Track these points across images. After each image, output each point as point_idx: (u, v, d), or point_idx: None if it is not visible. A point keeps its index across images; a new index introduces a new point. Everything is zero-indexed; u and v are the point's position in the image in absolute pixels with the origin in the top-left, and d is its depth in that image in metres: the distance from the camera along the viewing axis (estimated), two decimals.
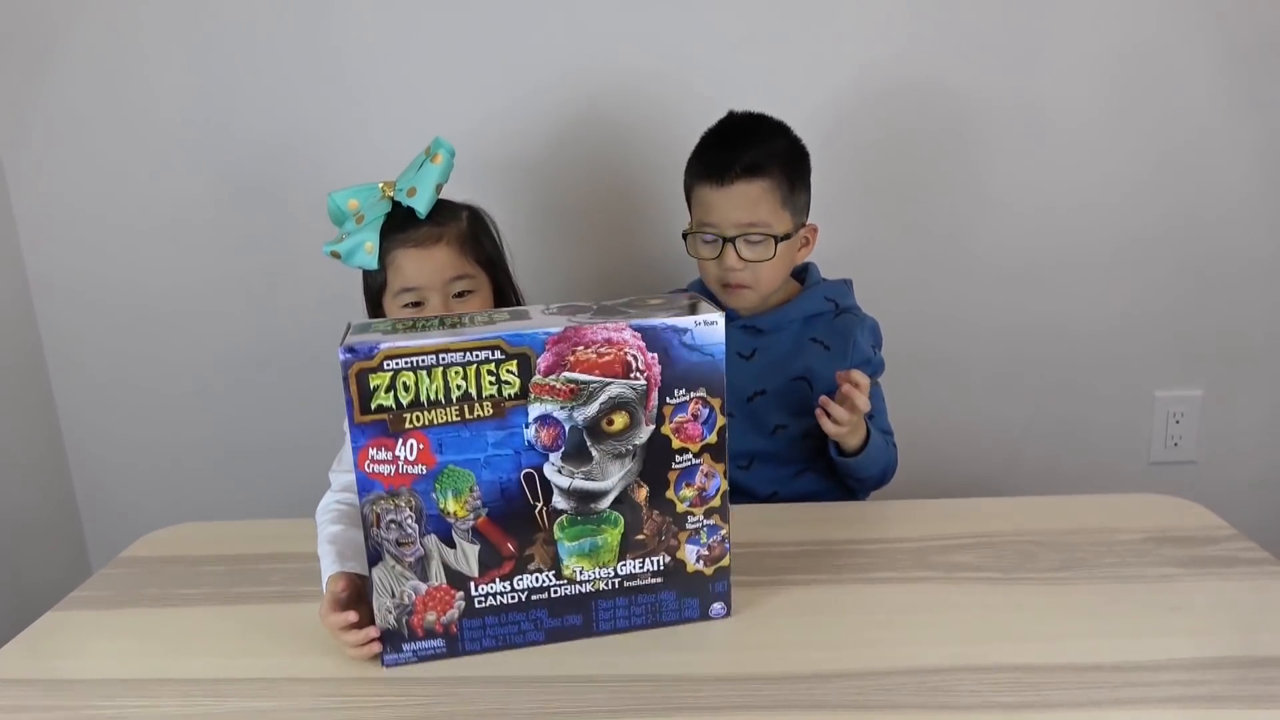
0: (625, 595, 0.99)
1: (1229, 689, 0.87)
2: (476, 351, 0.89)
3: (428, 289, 1.24)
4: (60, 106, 1.75)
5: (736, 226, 1.31)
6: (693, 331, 0.93)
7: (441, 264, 1.24)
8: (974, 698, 0.87)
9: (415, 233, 1.24)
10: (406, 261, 1.24)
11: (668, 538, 0.99)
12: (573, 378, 0.91)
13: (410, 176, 1.26)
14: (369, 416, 0.89)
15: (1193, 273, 1.83)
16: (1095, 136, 1.76)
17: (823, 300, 1.41)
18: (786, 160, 1.34)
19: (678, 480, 0.97)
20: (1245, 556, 1.11)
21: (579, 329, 0.90)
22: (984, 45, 1.71)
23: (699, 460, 0.97)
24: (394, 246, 1.24)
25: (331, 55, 1.72)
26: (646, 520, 0.98)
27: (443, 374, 0.89)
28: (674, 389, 0.94)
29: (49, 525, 1.90)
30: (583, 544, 0.97)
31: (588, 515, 0.96)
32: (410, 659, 0.97)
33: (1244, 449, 1.92)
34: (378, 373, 0.88)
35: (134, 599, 1.13)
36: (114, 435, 1.92)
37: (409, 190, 1.24)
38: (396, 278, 1.24)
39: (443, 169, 1.24)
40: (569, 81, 1.73)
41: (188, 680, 0.96)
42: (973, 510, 1.25)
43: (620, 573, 0.99)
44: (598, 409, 0.93)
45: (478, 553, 0.95)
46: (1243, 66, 1.73)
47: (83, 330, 1.87)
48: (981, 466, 1.93)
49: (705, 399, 0.95)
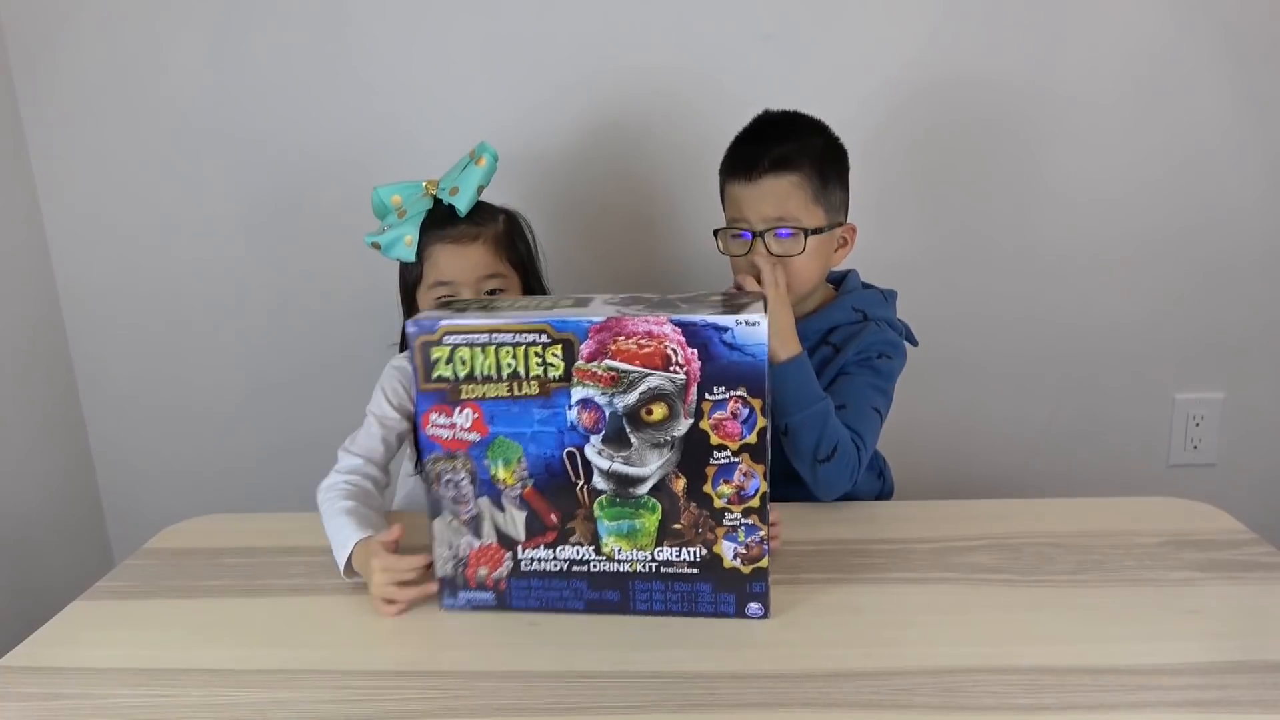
0: (662, 580, 1.02)
1: (1246, 693, 0.87)
2: (525, 334, 0.96)
3: (461, 283, 1.28)
4: (89, 117, 1.77)
5: (765, 221, 1.30)
6: (734, 330, 0.94)
7: (475, 261, 1.28)
8: (991, 699, 0.88)
9: (453, 230, 1.29)
10: (443, 256, 1.28)
11: (704, 530, 1.00)
12: (614, 366, 0.95)
13: (454, 176, 1.31)
14: (431, 385, 0.99)
15: (1213, 274, 1.82)
16: (1117, 137, 1.76)
17: (850, 310, 1.36)
18: (819, 156, 1.31)
19: (715, 476, 0.98)
20: (1264, 561, 1.10)
21: (621, 320, 0.94)
22: (1006, 46, 1.71)
23: (737, 459, 0.97)
24: (432, 242, 1.28)
25: (358, 63, 1.73)
26: (684, 511, 1.00)
27: (495, 352, 0.97)
28: (713, 385, 0.95)
29: (73, 520, 1.92)
30: (621, 525, 1.00)
31: (626, 498, 0.99)
32: (464, 606, 1.05)
33: (1264, 452, 1.91)
34: (438, 346, 0.97)
35: (157, 590, 1.14)
36: (137, 434, 1.94)
37: (451, 189, 1.29)
38: (432, 271, 1.29)
39: (485, 171, 1.29)
40: (594, 81, 1.74)
41: (209, 670, 0.97)
42: (991, 512, 1.25)
43: (657, 558, 1.01)
44: (637, 398, 0.96)
45: (524, 519, 1.01)
46: (1263, 66, 1.72)
47: (108, 331, 1.89)
48: (1000, 467, 1.92)
49: (745, 398, 0.95)
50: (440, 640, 1.02)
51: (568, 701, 0.89)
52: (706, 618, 1.02)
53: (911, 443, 1.63)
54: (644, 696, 0.90)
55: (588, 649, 0.98)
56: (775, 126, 1.35)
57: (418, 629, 1.04)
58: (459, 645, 1.00)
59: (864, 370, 1.32)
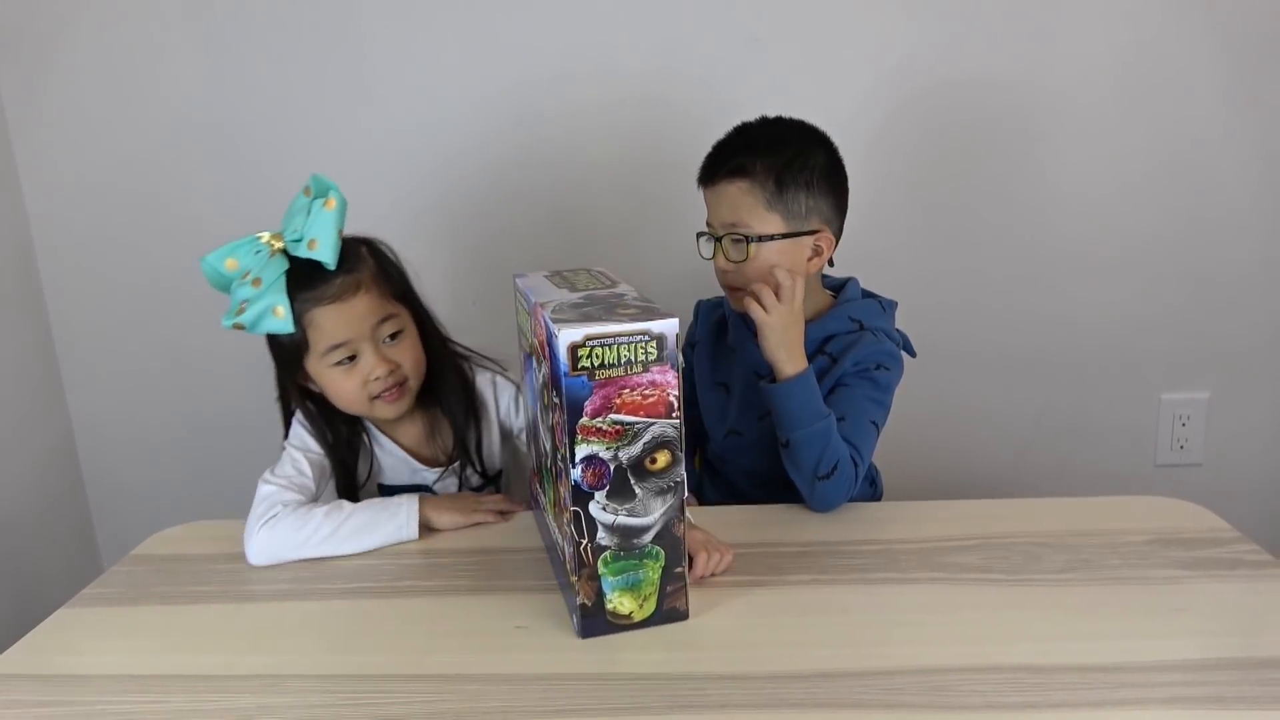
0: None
1: (1231, 690, 0.88)
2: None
3: (357, 340, 1.20)
4: (72, 100, 1.77)
5: (723, 226, 1.32)
6: (556, 339, 0.92)
7: (363, 313, 1.20)
8: (978, 698, 0.88)
9: (329, 287, 1.17)
10: (327, 319, 1.18)
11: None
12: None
13: (301, 224, 1.16)
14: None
15: (1200, 275, 1.83)
16: (1105, 139, 1.77)
17: (846, 320, 1.36)
18: (779, 163, 1.29)
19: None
20: (1249, 559, 1.11)
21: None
22: (996, 47, 1.72)
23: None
24: (309, 307, 1.17)
25: (344, 57, 1.74)
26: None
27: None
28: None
29: (60, 525, 1.92)
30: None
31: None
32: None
33: (1250, 452, 1.92)
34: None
35: (144, 596, 1.14)
36: (125, 436, 1.94)
37: (310, 243, 1.15)
38: (320, 337, 1.19)
39: (338, 213, 1.15)
40: (584, 85, 1.74)
41: (197, 677, 0.96)
42: (978, 512, 1.25)
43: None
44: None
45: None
46: (1252, 68, 1.73)
47: (95, 330, 1.88)
48: (988, 468, 1.93)
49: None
50: (427, 644, 1.01)
51: (554, 704, 0.89)
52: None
53: (901, 442, 1.62)
54: (631, 698, 0.90)
55: (574, 651, 0.98)
56: (744, 134, 1.35)
57: (403, 633, 1.03)
58: (445, 649, 1.00)
59: (862, 382, 1.31)
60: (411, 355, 1.26)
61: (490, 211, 1.81)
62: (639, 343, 0.92)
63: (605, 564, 0.98)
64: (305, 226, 1.15)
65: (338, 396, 1.25)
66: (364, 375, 1.22)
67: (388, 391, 1.24)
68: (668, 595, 1.01)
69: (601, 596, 0.99)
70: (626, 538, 0.98)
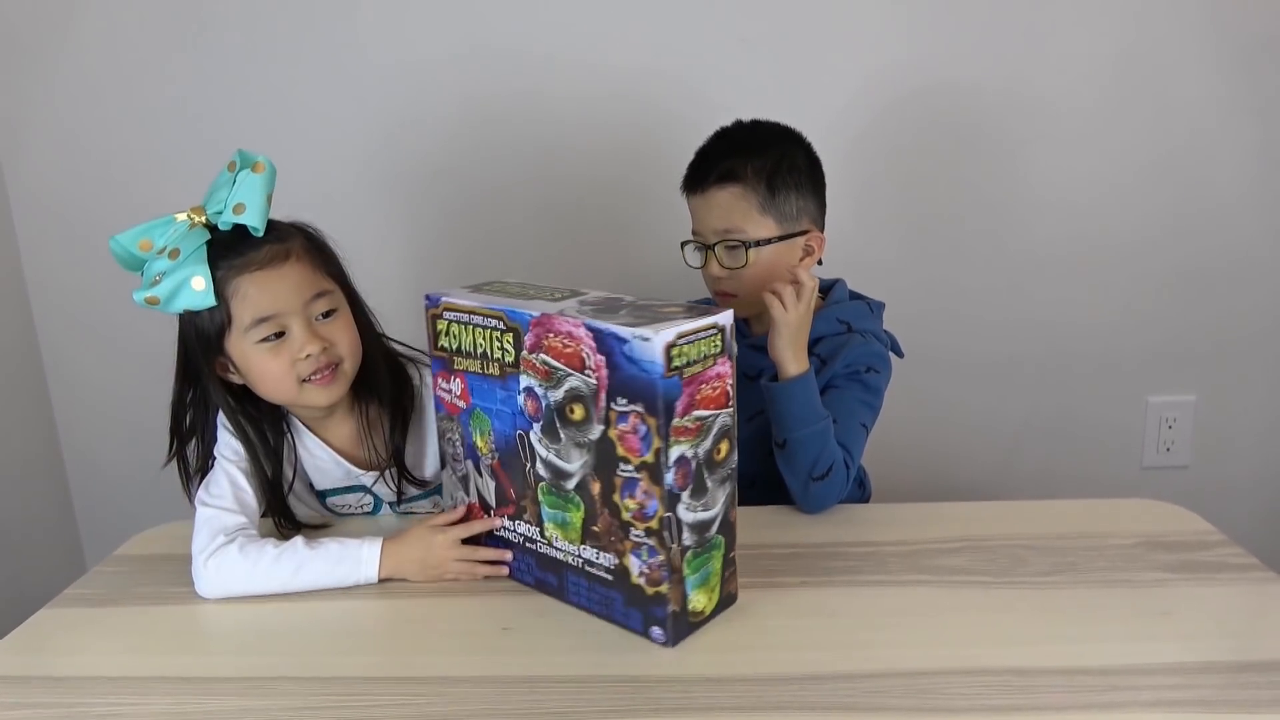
0: (586, 579, 1.02)
1: (1217, 693, 0.88)
2: (488, 319, 1.01)
3: (287, 313, 1.10)
4: (60, 112, 1.76)
5: (715, 233, 1.32)
6: (631, 344, 0.89)
7: (297, 282, 1.10)
8: (964, 700, 0.88)
9: (256, 254, 1.08)
10: (253, 288, 1.08)
11: (616, 540, 0.98)
12: (546, 360, 0.97)
13: (225, 194, 1.07)
14: (437, 352, 1.08)
15: (1186, 277, 1.84)
16: (1091, 140, 1.77)
17: (835, 322, 1.36)
18: (769, 166, 1.30)
19: (622, 488, 0.95)
20: (1234, 562, 1.11)
21: (551, 318, 0.95)
22: (982, 49, 1.72)
23: (639, 475, 0.93)
24: (232, 275, 1.07)
25: (332, 55, 1.73)
26: (600, 514, 0.98)
27: (472, 331, 1.03)
28: (617, 395, 0.92)
29: (45, 524, 1.90)
30: (556, 514, 1.03)
31: (559, 490, 1.01)
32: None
33: (1236, 455, 1.93)
34: (440, 319, 1.06)
35: (127, 597, 1.13)
36: (109, 435, 1.92)
37: (235, 207, 1.06)
38: (245, 309, 1.08)
39: (267, 178, 1.08)
40: (572, 84, 1.74)
41: (180, 678, 0.96)
42: (964, 514, 1.26)
43: (582, 555, 1.02)
44: (563, 395, 0.97)
45: (494, 488, 1.08)
46: (1236, 70, 1.74)
47: (79, 329, 1.87)
48: (975, 471, 1.93)
49: (642, 415, 0.90)
50: (412, 646, 1.01)
51: (541, 707, 0.89)
52: (619, 626, 1.00)
53: (889, 446, 1.63)
54: (618, 701, 0.89)
55: (560, 654, 0.97)
56: (727, 139, 1.36)
57: (389, 635, 1.03)
58: (431, 651, 0.99)
59: (853, 384, 1.32)
60: (347, 336, 1.15)
61: (476, 210, 1.80)
62: (710, 337, 0.92)
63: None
64: (230, 195, 1.07)
65: (262, 379, 1.12)
66: (293, 354, 1.10)
67: (319, 374, 1.12)
68: (725, 581, 1.01)
69: (685, 599, 0.97)
70: (700, 533, 0.97)
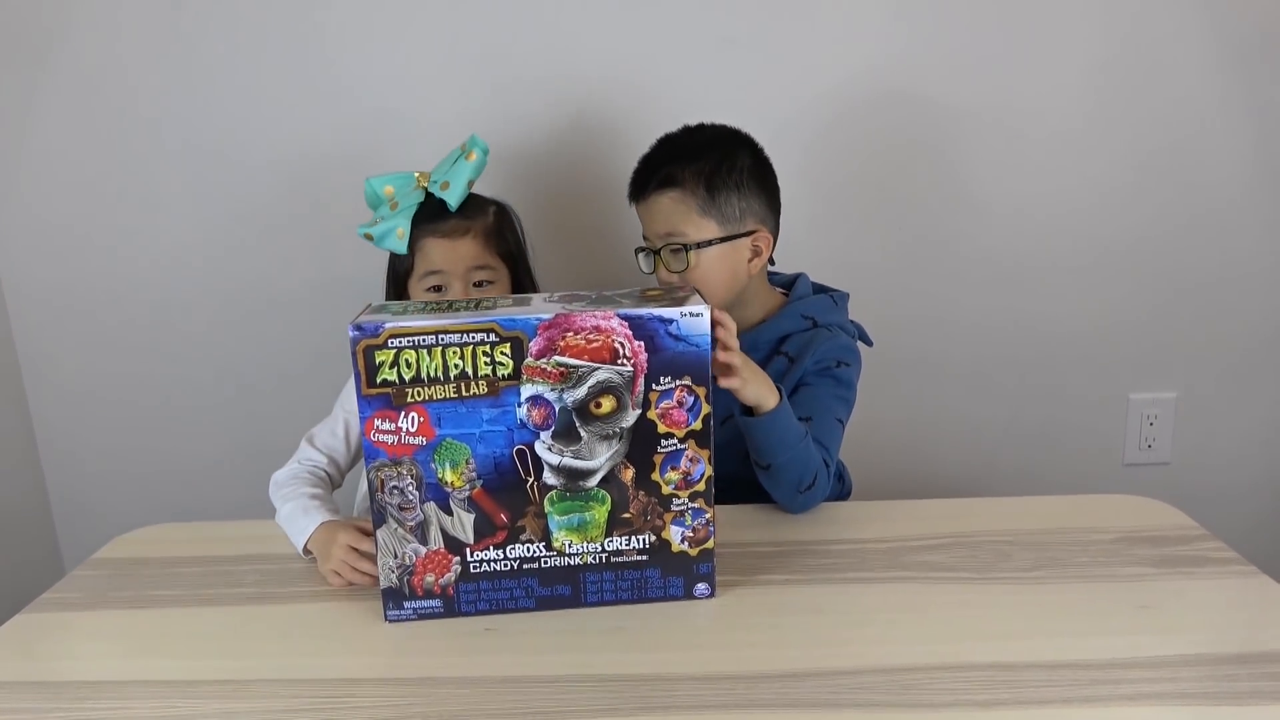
0: (612, 570, 1.04)
1: (1198, 686, 0.88)
2: (473, 334, 0.96)
3: (451, 275, 1.32)
4: (37, 113, 1.73)
5: (659, 238, 1.32)
6: (679, 323, 0.98)
7: (465, 254, 1.33)
8: (947, 696, 0.88)
9: (444, 224, 1.33)
10: (434, 249, 1.33)
11: (653, 518, 1.03)
12: (563, 362, 0.97)
13: (445, 170, 1.34)
14: (375, 390, 0.97)
15: (1168, 277, 1.85)
16: (1073, 143, 1.78)
17: (799, 318, 1.36)
18: (708, 169, 1.30)
19: (663, 464, 1.02)
20: (1214, 556, 1.12)
21: (569, 316, 0.96)
22: (965, 52, 1.72)
23: (684, 445, 1.01)
24: (424, 235, 1.33)
25: (324, 64, 1.71)
26: (633, 500, 1.03)
27: (441, 354, 0.96)
28: (659, 376, 0.99)
29: (21, 527, 1.88)
30: (571, 519, 1.02)
31: (576, 492, 1.02)
32: (410, 616, 1.04)
33: (1217, 451, 1.94)
34: (383, 349, 0.96)
35: (107, 600, 1.12)
36: (87, 437, 1.90)
37: (443, 184, 1.32)
38: (423, 262, 1.33)
39: (475, 166, 1.33)
40: (557, 84, 1.73)
41: (160, 682, 0.95)
42: (948, 510, 1.26)
43: (607, 548, 1.03)
44: (586, 392, 0.98)
45: (473, 521, 1.02)
46: (1220, 75, 1.75)
47: (56, 333, 1.85)
48: (959, 468, 1.94)
49: (690, 387, 0.99)
50: (394, 648, 1.00)
51: (524, 707, 0.89)
52: (656, 602, 1.05)
53: (871, 445, 1.64)
54: (601, 700, 0.89)
55: (542, 654, 0.97)
56: (668, 145, 1.36)
57: (371, 637, 1.02)
58: (412, 652, 0.99)
59: (824, 380, 1.32)
60: None
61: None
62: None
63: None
64: (447, 172, 1.33)
65: None
66: None
67: None
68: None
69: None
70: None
